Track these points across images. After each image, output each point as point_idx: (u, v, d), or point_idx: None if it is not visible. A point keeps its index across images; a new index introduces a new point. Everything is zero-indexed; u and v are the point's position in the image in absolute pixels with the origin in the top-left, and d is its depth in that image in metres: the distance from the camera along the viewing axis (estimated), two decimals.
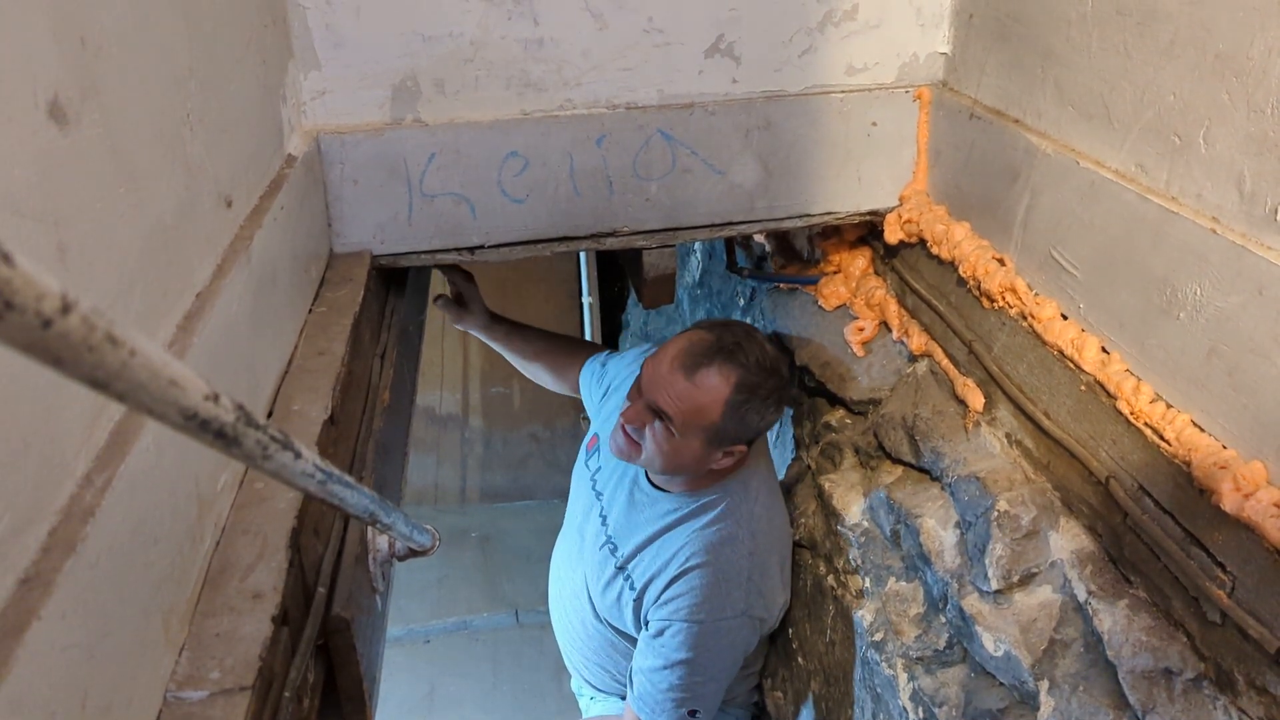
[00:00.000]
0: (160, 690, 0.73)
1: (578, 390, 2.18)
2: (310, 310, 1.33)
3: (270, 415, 1.09)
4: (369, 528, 1.04)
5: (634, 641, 1.79)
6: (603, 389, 2.04)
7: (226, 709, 0.73)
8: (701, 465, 1.63)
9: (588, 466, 1.99)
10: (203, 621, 0.81)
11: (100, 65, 0.75)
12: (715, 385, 1.55)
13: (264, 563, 0.87)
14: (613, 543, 1.81)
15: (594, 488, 1.94)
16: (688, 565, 1.66)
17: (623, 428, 1.64)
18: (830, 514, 1.80)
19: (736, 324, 1.65)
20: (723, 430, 1.58)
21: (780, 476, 2.07)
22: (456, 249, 1.61)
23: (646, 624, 1.71)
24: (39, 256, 0.63)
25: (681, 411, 1.55)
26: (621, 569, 1.76)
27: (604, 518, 1.86)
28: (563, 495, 2.09)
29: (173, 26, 0.92)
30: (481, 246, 1.62)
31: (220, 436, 0.45)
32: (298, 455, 0.56)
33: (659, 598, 1.67)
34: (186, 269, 0.91)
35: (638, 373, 1.65)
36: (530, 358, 2.21)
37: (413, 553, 1.08)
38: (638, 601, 1.72)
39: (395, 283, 1.74)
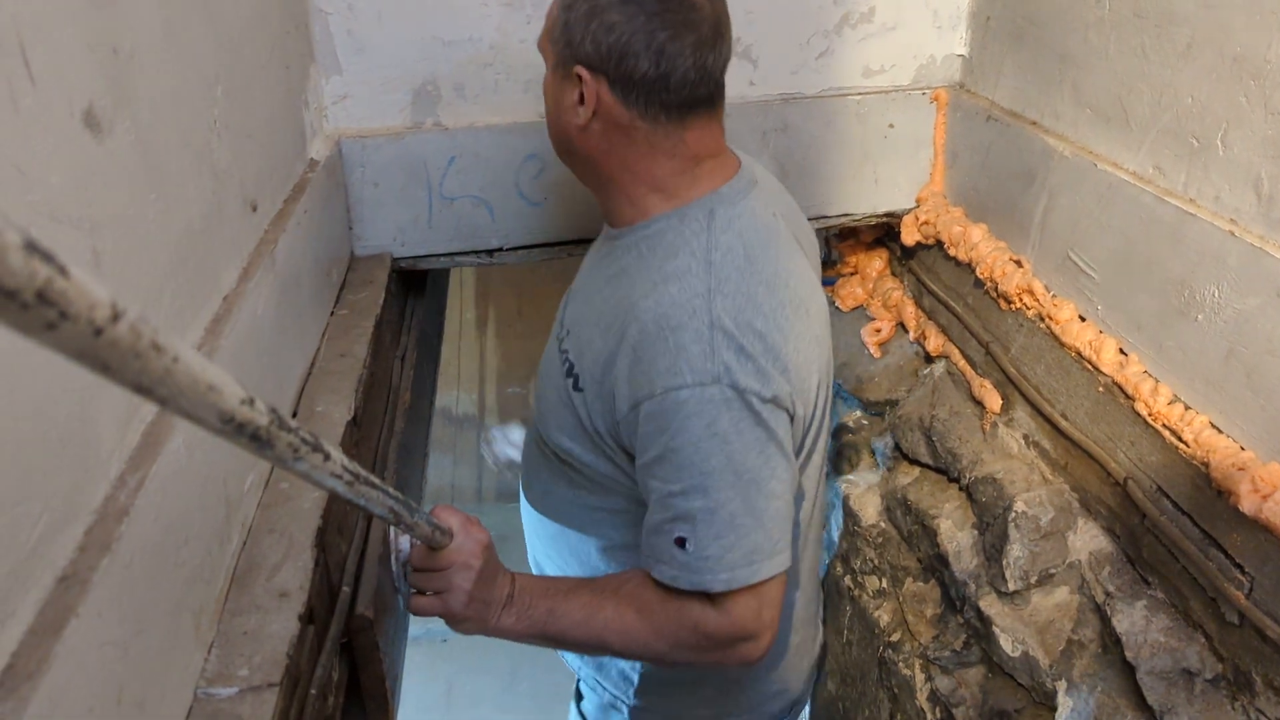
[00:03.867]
0: (191, 687, 0.75)
1: None
2: (332, 313, 1.35)
3: (294, 416, 1.11)
4: (391, 528, 1.05)
5: (588, 475, 1.21)
6: None
7: (255, 705, 0.74)
8: (562, 114, 1.13)
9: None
10: (231, 620, 0.82)
11: (132, 74, 0.76)
12: None
13: (290, 562, 0.89)
14: (564, 328, 1.25)
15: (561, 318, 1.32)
16: (617, 323, 1.09)
17: None
18: (847, 514, 1.80)
19: None
20: (564, 38, 1.08)
21: None
22: (475, 251, 1.63)
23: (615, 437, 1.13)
24: (76, 262, 0.65)
25: (548, 21, 1.12)
26: (565, 353, 1.21)
27: (564, 309, 1.32)
28: None
29: (200, 35, 0.94)
30: (500, 249, 1.63)
31: (255, 439, 0.47)
32: (327, 457, 0.57)
33: (601, 377, 1.10)
34: (214, 272, 0.93)
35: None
36: None
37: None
38: (579, 390, 1.15)
39: (415, 284, 1.75)
